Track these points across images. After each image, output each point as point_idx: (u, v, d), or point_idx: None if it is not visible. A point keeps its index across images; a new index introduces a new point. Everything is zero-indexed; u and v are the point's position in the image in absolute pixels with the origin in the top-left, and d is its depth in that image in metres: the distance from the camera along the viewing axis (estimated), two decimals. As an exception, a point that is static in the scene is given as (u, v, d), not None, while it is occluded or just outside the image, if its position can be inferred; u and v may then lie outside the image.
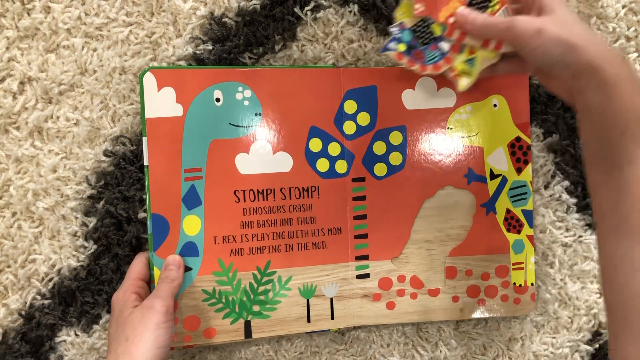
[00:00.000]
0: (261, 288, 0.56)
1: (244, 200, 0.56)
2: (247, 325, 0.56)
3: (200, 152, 0.55)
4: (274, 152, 0.56)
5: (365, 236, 0.59)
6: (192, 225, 0.55)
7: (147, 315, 0.48)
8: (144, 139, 0.53)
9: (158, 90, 0.54)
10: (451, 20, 0.50)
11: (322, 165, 0.58)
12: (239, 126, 0.55)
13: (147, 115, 0.53)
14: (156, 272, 0.54)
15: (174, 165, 0.54)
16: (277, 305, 0.57)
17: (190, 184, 0.55)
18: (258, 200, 0.56)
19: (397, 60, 0.53)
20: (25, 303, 0.56)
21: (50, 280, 0.56)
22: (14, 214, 0.56)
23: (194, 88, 0.54)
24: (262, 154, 0.56)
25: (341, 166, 0.58)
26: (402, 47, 0.53)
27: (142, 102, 0.53)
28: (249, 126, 0.56)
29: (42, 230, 0.56)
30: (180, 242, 0.55)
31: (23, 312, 0.56)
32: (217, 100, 0.55)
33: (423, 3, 0.51)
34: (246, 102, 0.55)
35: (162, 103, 0.54)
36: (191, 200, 0.55)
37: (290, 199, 0.57)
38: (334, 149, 0.58)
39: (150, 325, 0.47)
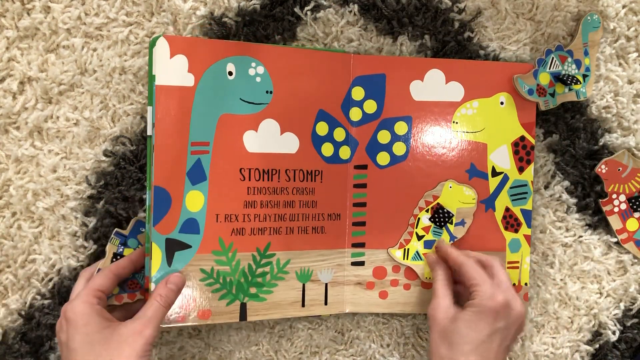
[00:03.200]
0: (259, 270, 0.56)
1: (249, 179, 0.55)
2: (243, 307, 0.55)
3: (209, 126, 0.53)
4: (281, 133, 0.56)
5: (363, 224, 0.59)
6: (195, 201, 0.53)
7: (136, 339, 0.46)
8: (150, 108, 0.52)
9: (170, 58, 0.52)
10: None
11: (327, 149, 0.57)
12: (249, 102, 0.55)
13: (157, 82, 0.51)
14: (155, 248, 0.52)
15: (181, 137, 0.52)
16: (274, 288, 0.56)
17: (196, 158, 0.53)
18: (263, 180, 0.55)
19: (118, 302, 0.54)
20: (25, 303, 0.56)
21: (50, 280, 0.56)
22: (14, 214, 0.56)
23: (207, 59, 0.53)
24: (270, 133, 0.55)
25: (344, 152, 0.58)
26: (115, 290, 0.54)
27: (150, 69, 0.52)
28: (259, 103, 0.55)
29: (42, 230, 0.56)
30: (182, 218, 0.53)
31: (23, 312, 0.56)
32: (230, 73, 0.54)
33: None
34: (258, 79, 0.55)
35: (174, 71, 0.52)
36: (196, 175, 0.53)
37: (294, 181, 0.56)
38: (339, 134, 0.58)
39: (139, 349, 0.45)
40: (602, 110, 0.61)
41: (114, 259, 0.54)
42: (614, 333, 0.62)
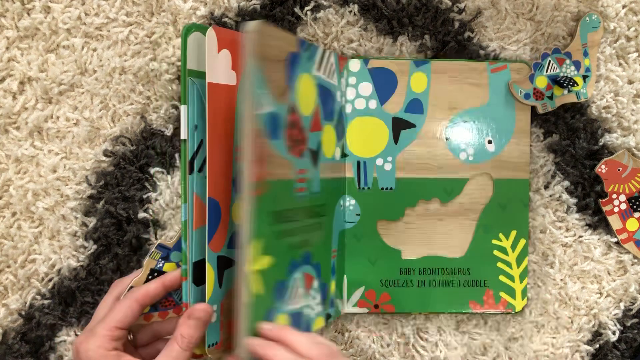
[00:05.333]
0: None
1: None
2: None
3: None
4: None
5: None
6: (239, 212, 0.46)
7: None
8: (183, 108, 0.45)
9: (217, 52, 0.46)
10: None
11: None
12: None
13: (208, 79, 0.45)
14: (209, 270, 0.46)
15: (227, 142, 0.47)
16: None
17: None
18: None
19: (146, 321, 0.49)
20: (25, 303, 0.56)
21: (50, 280, 0.56)
22: (14, 214, 0.56)
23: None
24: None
25: None
26: (146, 309, 0.48)
27: (183, 62, 0.45)
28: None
29: (42, 230, 0.56)
30: (229, 232, 0.48)
31: (23, 312, 0.56)
32: None
33: None
34: None
35: (220, 67, 0.46)
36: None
37: None
38: None
39: None
40: (602, 110, 0.61)
41: (150, 277, 0.48)
42: (614, 333, 0.62)
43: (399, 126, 0.57)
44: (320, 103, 0.52)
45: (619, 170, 0.60)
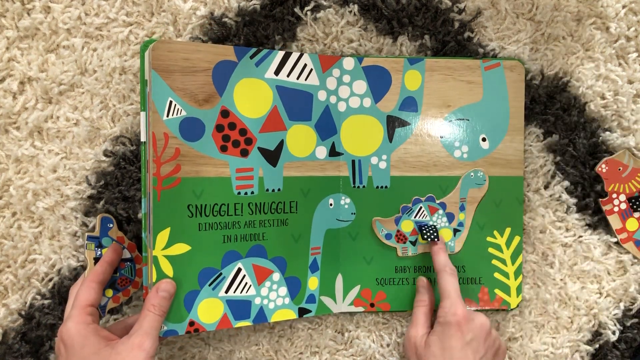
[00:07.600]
0: None
1: None
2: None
3: None
4: None
5: None
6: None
7: (137, 355, 0.45)
8: (143, 114, 0.51)
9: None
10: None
11: None
12: None
13: (148, 90, 0.50)
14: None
15: None
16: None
17: None
18: None
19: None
20: (25, 303, 0.56)
21: (50, 280, 0.56)
22: (14, 214, 0.56)
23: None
24: None
25: None
26: (109, 293, 0.55)
27: (142, 74, 0.51)
28: None
29: (42, 230, 0.56)
30: None
31: (23, 312, 0.56)
32: None
33: None
34: None
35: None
36: None
37: None
38: None
39: None
40: (601, 109, 0.61)
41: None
42: (613, 333, 0.62)
43: (393, 124, 0.58)
44: (282, 104, 0.54)
45: (619, 169, 0.60)
